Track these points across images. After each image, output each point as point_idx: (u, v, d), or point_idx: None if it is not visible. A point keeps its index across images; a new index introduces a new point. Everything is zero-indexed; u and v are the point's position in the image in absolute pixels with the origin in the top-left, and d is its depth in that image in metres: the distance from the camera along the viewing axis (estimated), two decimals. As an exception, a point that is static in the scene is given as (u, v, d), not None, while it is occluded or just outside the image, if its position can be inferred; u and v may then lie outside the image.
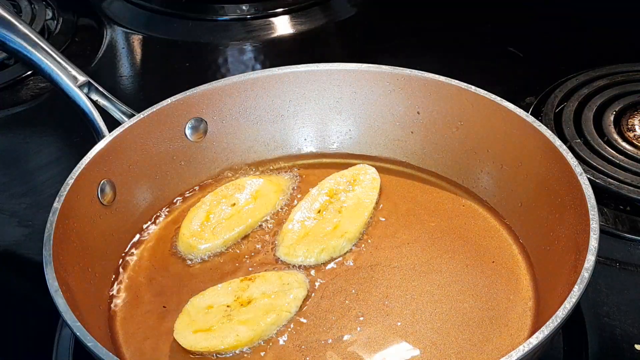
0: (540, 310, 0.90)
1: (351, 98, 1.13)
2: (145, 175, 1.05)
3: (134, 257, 1.00)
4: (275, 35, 1.57)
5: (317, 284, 0.95)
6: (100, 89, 1.05)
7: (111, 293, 0.95)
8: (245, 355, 0.87)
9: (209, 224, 1.02)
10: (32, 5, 1.56)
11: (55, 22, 1.57)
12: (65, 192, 0.91)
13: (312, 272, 0.97)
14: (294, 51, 1.52)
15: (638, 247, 1.04)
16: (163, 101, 1.06)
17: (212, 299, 0.91)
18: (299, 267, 0.98)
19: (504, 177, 1.03)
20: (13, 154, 1.28)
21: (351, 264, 0.98)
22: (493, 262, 0.97)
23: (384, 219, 1.04)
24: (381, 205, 1.06)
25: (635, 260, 1.02)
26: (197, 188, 1.10)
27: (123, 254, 1.00)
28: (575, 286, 0.78)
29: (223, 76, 1.12)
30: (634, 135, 1.18)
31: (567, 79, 1.32)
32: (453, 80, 1.06)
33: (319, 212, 1.03)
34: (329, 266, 0.98)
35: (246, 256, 1.00)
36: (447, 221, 1.03)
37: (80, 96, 1.03)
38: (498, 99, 1.02)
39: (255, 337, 0.88)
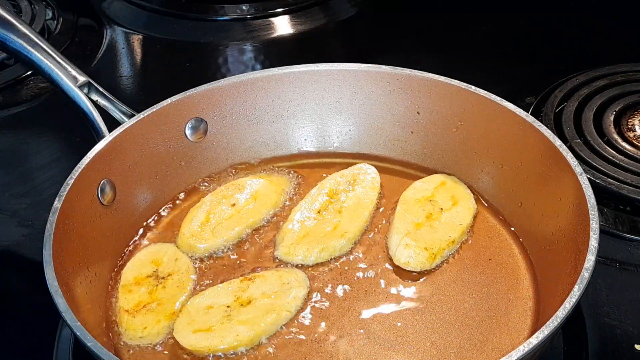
0: (540, 310, 0.90)
1: (351, 98, 1.13)
2: (145, 175, 1.05)
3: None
4: (275, 35, 1.57)
5: (317, 283, 0.95)
6: (100, 89, 1.05)
7: (111, 293, 0.95)
8: (245, 355, 0.87)
9: (209, 224, 1.02)
10: (32, 5, 1.56)
11: (55, 22, 1.57)
12: (65, 192, 0.91)
13: (312, 271, 0.97)
14: (294, 51, 1.52)
15: (638, 247, 1.04)
16: (163, 101, 1.06)
17: (212, 299, 0.91)
18: (299, 266, 0.98)
19: (504, 177, 1.03)
20: (13, 154, 1.28)
21: (351, 263, 0.98)
22: (492, 261, 0.97)
23: (383, 219, 1.04)
24: (381, 205, 1.06)
25: (635, 260, 1.02)
26: (197, 188, 1.10)
27: (123, 254, 1.00)
28: (575, 286, 0.78)
29: (223, 76, 1.12)
30: (634, 135, 1.18)
31: (567, 79, 1.32)
32: (453, 80, 1.06)
33: (319, 212, 1.03)
34: (329, 266, 0.98)
35: (246, 256, 1.00)
36: (447, 221, 1.03)
37: (80, 96, 1.03)
38: (498, 99, 1.02)
39: (255, 337, 0.88)
